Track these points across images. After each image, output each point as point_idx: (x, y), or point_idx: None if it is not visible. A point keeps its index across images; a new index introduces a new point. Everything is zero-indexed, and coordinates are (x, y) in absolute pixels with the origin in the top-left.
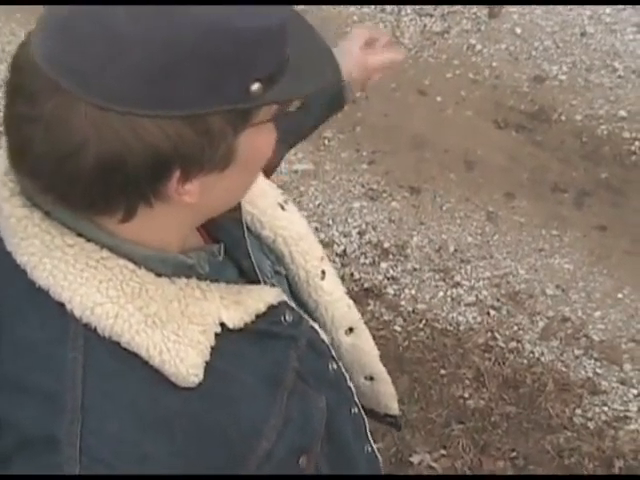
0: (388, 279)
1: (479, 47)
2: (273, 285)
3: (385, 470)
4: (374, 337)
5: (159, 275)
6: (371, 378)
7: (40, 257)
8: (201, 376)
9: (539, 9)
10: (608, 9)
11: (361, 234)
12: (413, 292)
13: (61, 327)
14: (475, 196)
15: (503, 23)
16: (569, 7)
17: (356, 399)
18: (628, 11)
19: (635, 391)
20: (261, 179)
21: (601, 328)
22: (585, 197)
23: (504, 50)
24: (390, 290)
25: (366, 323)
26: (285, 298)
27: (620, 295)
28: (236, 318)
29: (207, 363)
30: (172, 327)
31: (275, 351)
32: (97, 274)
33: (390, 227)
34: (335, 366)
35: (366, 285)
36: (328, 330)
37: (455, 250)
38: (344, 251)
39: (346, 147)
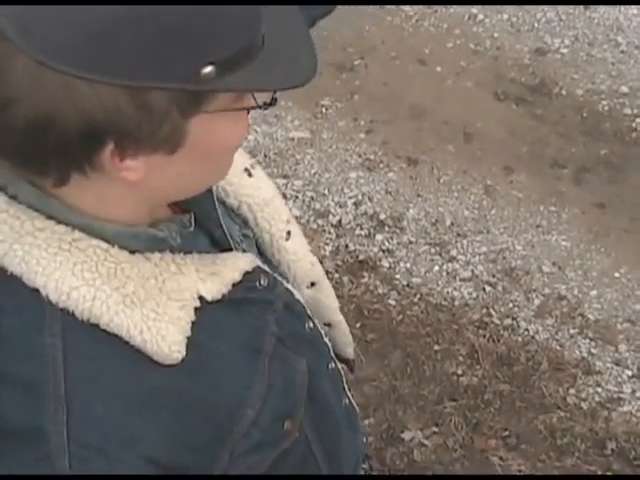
0: (383, 252)
1: (481, 17)
2: (244, 250)
3: (376, 446)
4: (368, 311)
5: (132, 252)
6: (329, 325)
7: (10, 243)
8: (184, 352)
9: None
10: None
11: (357, 205)
12: (408, 265)
13: (37, 313)
14: (473, 169)
15: None
16: None
17: (332, 354)
18: None
19: (629, 372)
20: None
21: (597, 307)
22: (584, 173)
23: (506, 21)
24: (385, 263)
25: (360, 296)
26: (259, 263)
27: (617, 274)
28: (214, 290)
29: (188, 338)
30: (151, 305)
31: (253, 317)
32: (71, 257)
33: (386, 198)
34: (312, 324)
35: (361, 257)
36: (291, 285)
37: (452, 224)
38: (339, 222)
39: (344, 116)
